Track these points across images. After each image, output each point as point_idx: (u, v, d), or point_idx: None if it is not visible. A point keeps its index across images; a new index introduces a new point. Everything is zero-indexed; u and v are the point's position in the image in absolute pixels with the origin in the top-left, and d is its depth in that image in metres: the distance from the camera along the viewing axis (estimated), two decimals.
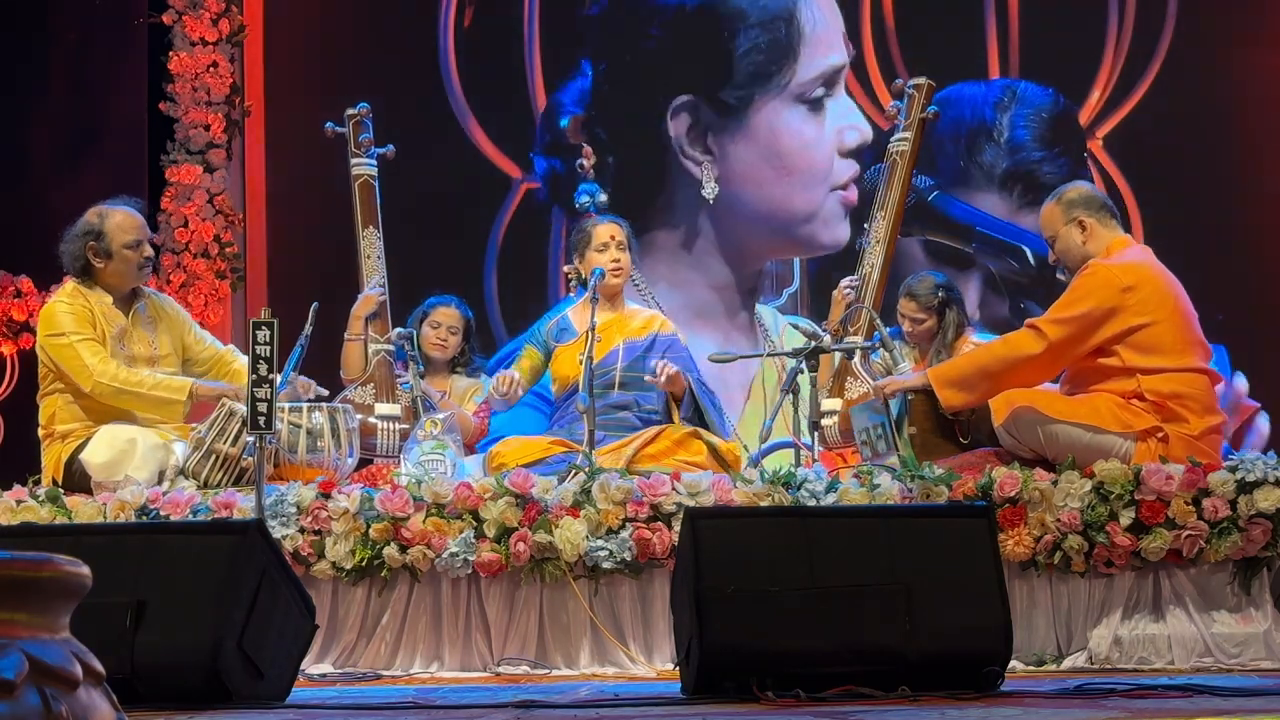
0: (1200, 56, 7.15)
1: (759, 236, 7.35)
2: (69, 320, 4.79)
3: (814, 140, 7.32)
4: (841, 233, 7.25)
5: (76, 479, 4.75)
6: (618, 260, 5.25)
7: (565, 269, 6.12)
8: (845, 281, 5.46)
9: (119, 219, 4.87)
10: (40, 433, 4.94)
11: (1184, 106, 7.11)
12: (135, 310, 4.95)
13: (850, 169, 7.25)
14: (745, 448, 5.13)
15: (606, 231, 5.31)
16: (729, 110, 7.36)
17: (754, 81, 7.35)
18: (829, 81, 7.33)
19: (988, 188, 7.22)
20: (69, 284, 4.92)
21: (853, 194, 7.24)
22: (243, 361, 4.98)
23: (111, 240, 4.84)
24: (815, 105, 7.33)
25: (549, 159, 7.44)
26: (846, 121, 7.29)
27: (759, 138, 7.33)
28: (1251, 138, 7.14)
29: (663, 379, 5.06)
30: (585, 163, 6.53)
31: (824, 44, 7.36)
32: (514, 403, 5.27)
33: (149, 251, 4.95)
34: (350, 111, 5.70)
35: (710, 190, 7.29)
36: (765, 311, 7.31)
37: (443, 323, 5.74)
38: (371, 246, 5.61)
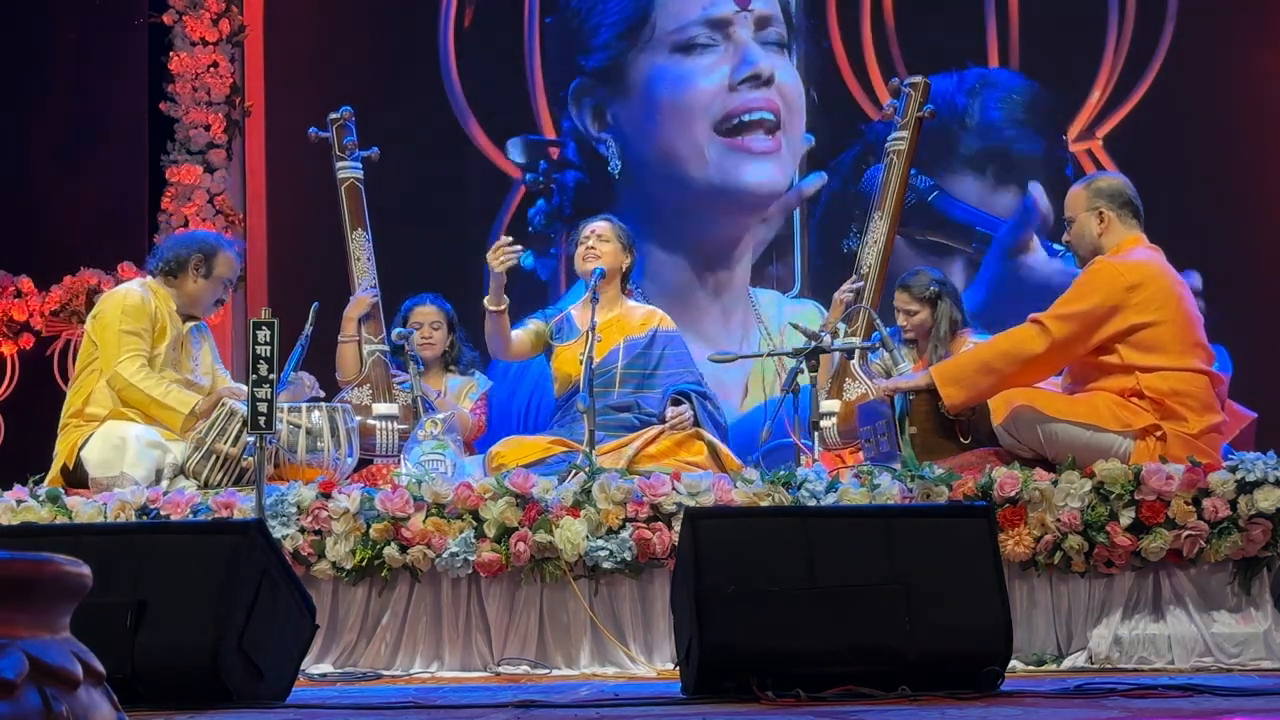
0: (1200, 56, 7.15)
1: (672, 193, 7.33)
2: (129, 310, 4.93)
3: (687, 78, 7.30)
4: (758, 175, 7.22)
5: (84, 469, 4.79)
6: (593, 248, 5.30)
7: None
8: (847, 285, 5.46)
9: (230, 256, 5.17)
10: (65, 412, 4.97)
11: (1184, 106, 7.12)
12: (190, 327, 5.12)
13: (746, 101, 7.21)
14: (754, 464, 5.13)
15: (589, 227, 5.40)
16: (611, 77, 7.38)
17: (616, 41, 7.36)
18: (714, 28, 7.29)
19: (962, 170, 7.21)
20: (149, 278, 5.12)
21: (769, 141, 7.20)
22: None
23: (217, 266, 5.09)
24: (693, 50, 7.30)
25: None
26: (739, 59, 7.26)
27: (639, 94, 7.35)
28: (1251, 138, 7.14)
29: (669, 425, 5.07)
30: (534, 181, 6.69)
31: None
32: (510, 264, 5.20)
33: (228, 296, 5.30)
34: (333, 116, 5.73)
35: (615, 165, 7.31)
36: (765, 297, 7.27)
37: (423, 321, 5.77)
38: (361, 249, 5.64)
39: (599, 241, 5.32)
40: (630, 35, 7.36)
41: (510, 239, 5.20)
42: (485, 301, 5.30)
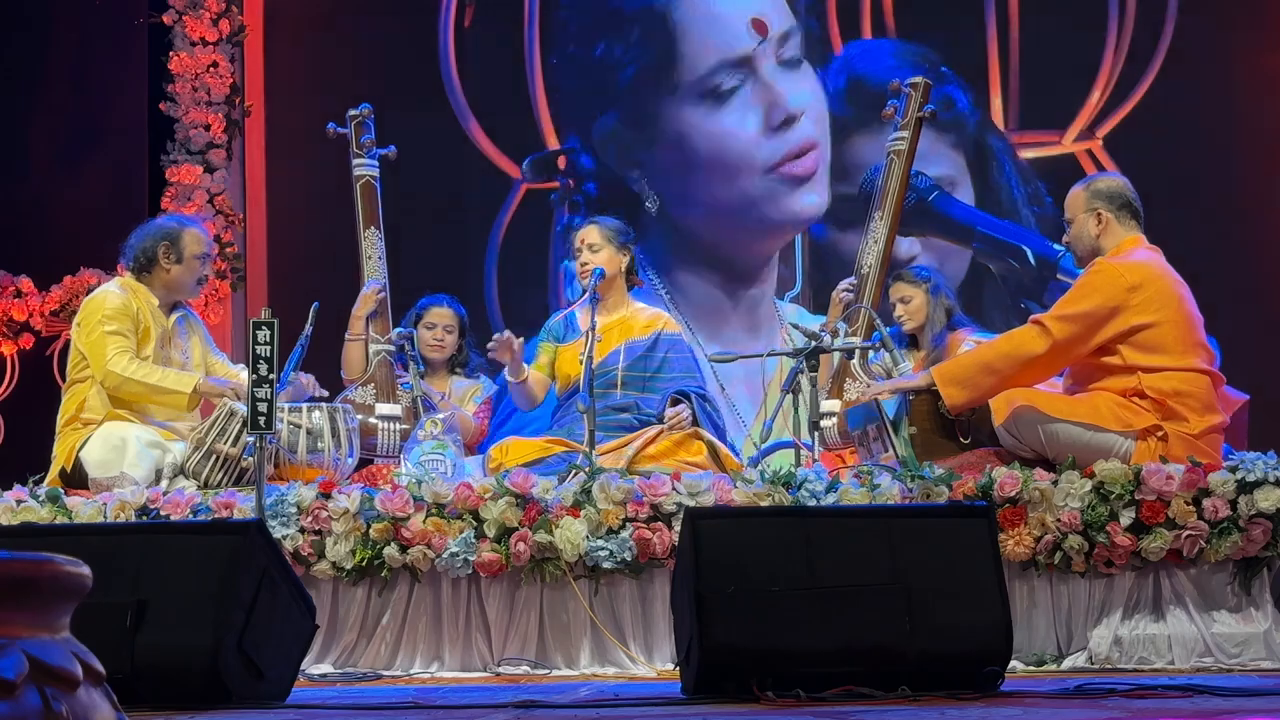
0: (1200, 57, 7.15)
1: (720, 230, 7.33)
2: (111, 311, 4.91)
3: (726, 131, 7.30)
4: (804, 202, 7.24)
5: (82, 471, 4.79)
6: (586, 263, 5.30)
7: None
8: (843, 284, 5.47)
9: (195, 232, 5.13)
10: (60, 420, 4.97)
11: (1184, 106, 7.12)
12: (175, 319, 5.08)
13: (785, 144, 7.23)
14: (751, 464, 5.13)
15: (578, 236, 5.41)
16: (642, 123, 7.37)
17: (641, 88, 7.36)
18: (736, 67, 7.29)
19: (845, 125, 7.25)
20: (125, 276, 5.09)
21: (808, 162, 7.20)
22: None
23: (185, 247, 5.04)
24: (720, 95, 7.29)
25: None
26: (769, 99, 7.27)
27: (671, 143, 7.35)
28: (1251, 138, 7.14)
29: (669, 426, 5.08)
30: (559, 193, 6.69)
31: (717, 34, 7.33)
32: (518, 357, 5.21)
33: (210, 271, 5.21)
34: (353, 112, 5.72)
35: (651, 203, 7.30)
36: (787, 308, 7.27)
37: (438, 323, 5.76)
38: (373, 247, 5.64)
39: (590, 254, 5.31)
40: (656, 79, 7.35)
41: (505, 335, 5.17)
42: (506, 373, 5.30)
